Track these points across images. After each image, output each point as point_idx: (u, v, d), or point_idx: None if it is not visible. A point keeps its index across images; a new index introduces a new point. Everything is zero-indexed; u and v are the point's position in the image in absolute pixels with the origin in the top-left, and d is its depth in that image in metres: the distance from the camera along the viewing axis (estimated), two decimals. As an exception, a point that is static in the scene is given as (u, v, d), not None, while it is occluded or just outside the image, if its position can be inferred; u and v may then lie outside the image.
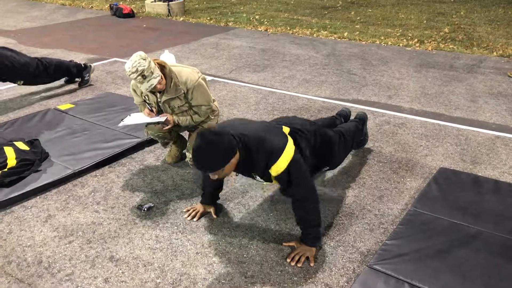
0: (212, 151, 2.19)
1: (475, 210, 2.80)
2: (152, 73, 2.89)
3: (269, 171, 2.36)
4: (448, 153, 3.65)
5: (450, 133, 4.01)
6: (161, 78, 2.96)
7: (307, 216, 2.47)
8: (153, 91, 3.08)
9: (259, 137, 2.36)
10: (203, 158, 2.21)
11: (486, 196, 2.95)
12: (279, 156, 2.32)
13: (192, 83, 3.09)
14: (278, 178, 2.39)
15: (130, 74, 2.87)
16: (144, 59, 2.86)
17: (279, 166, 2.33)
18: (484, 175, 3.30)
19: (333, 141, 2.96)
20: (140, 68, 2.83)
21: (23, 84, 4.85)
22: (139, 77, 2.86)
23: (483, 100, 4.76)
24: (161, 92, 3.10)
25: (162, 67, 3.03)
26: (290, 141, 2.43)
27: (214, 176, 2.32)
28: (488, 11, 9.58)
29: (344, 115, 3.58)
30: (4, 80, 4.72)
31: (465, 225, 2.66)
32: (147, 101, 3.24)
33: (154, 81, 2.90)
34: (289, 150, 2.36)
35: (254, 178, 2.55)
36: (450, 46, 6.87)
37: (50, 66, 4.92)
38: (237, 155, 2.29)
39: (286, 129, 2.55)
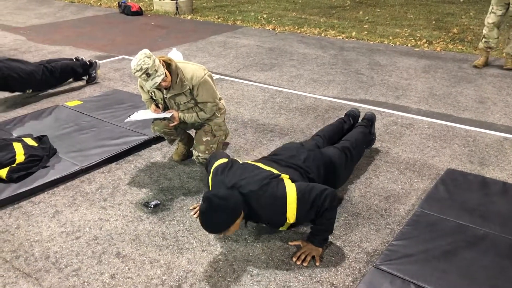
0: (218, 216, 2.25)
1: (482, 211, 2.78)
2: (156, 71, 2.89)
3: (287, 222, 2.41)
4: (455, 154, 3.63)
5: (458, 134, 3.99)
6: (166, 76, 2.97)
7: (326, 221, 2.46)
8: (158, 88, 3.09)
9: (259, 197, 2.36)
10: (210, 222, 2.27)
11: (493, 198, 2.93)
12: (286, 206, 2.35)
13: (198, 80, 3.10)
14: (299, 219, 2.41)
15: (134, 72, 2.89)
16: (148, 57, 2.87)
17: (290, 212, 2.36)
18: (492, 176, 3.28)
19: (338, 165, 2.91)
20: (144, 67, 2.85)
21: (32, 92, 4.85)
22: (144, 75, 2.88)
23: (492, 101, 4.73)
24: (167, 88, 3.11)
25: (168, 63, 3.04)
26: (287, 182, 2.42)
27: (219, 235, 2.47)
28: (498, 12, 9.48)
29: (353, 115, 3.56)
30: (13, 91, 4.73)
31: (472, 226, 2.64)
32: (154, 98, 3.25)
33: (158, 79, 2.91)
34: (291, 192, 2.36)
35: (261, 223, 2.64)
36: (459, 47, 6.83)
37: (56, 70, 4.93)
38: (242, 214, 2.33)
39: (285, 176, 2.50)
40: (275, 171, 2.51)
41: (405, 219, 2.81)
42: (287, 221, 2.39)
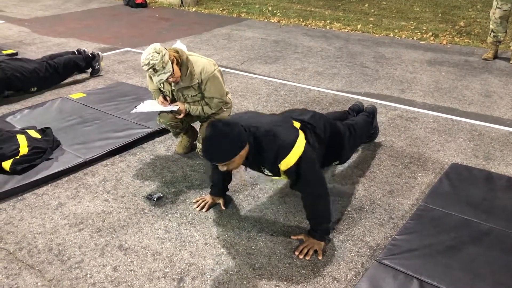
0: (222, 142, 2.17)
1: (487, 206, 2.76)
2: (164, 67, 2.88)
3: (279, 165, 2.34)
4: (460, 149, 3.60)
5: (463, 128, 3.96)
6: (173, 73, 2.95)
7: (317, 212, 2.46)
8: (168, 82, 3.09)
9: (269, 131, 2.34)
10: (213, 148, 2.20)
11: (498, 193, 2.91)
12: (289, 151, 2.30)
13: (207, 74, 3.08)
14: (288, 172, 2.37)
15: (142, 66, 2.90)
16: (158, 53, 2.85)
17: (288, 161, 2.31)
18: (497, 171, 3.25)
19: (343, 134, 2.93)
20: (152, 62, 2.84)
21: (36, 90, 4.81)
22: (151, 70, 2.88)
23: (498, 95, 4.69)
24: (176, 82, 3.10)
25: (179, 55, 3.01)
26: (301, 135, 2.41)
27: (223, 168, 2.30)
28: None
29: (357, 109, 3.54)
30: (17, 90, 4.69)
31: (476, 221, 2.62)
32: (162, 89, 3.24)
33: (164, 76, 2.90)
34: (300, 144, 2.34)
35: (263, 172, 2.54)
36: (465, 40, 6.77)
37: (59, 66, 4.91)
38: (247, 148, 2.28)
39: (297, 124, 2.52)
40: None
41: (408, 214, 2.80)
42: (280, 167, 2.34)
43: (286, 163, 2.31)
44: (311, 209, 2.48)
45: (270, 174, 2.51)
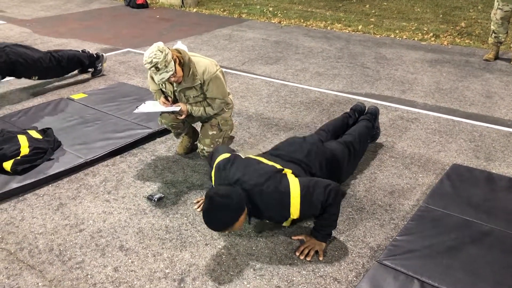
0: (221, 214, 2.26)
1: (488, 207, 2.76)
2: (166, 66, 2.88)
3: (290, 218, 2.42)
4: (461, 149, 3.60)
5: (464, 129, 3.96)
6: (175, 72, 2.95)
7: (330, 216, 2.45)
8: (170, 82, 3.09)
9: (262, 192, 2.34)
10: (213, 221, 2.28)
11: (499, 194, 2.91)
12: (289, 202, 2.33)
13: (210, 75, 3.08)
14: (302, 215, 2.40)
15: (145, 64, 2.90)
16: (161, 51, 2.85)
17: (294, 208, 2.34)
18: (498, 172, 3.25)
19: (341, 160, 2.89)
20: (154, 60, 2.84)
21: (38, 79, 4.88)
22: (153, 68, 2.87)
23: (499, 96, 4.69)
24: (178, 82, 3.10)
25: (182, 56, 3.02)
26: (291, 177, 2.40)
27: (224, 232, 2.48)
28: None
29: (358, 110, 3.52)
30: (19, 77, 4.76)
31: (477, 222, 2.62)
32: (164, 90, 3.24)
33: (166, 75, 2.90)
34: (294, 188, 2.34)
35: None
36: (466, 41, 6.76)
37: (63, 60, 4.94)
38: (246, 211, 2.33)
39: (288, 171, 2.48)
40: (278, 166, 2.49)
41: (409, 214, 2.80)
42: (291, 216, 2.38)
43: (294, 211, 2.35)
44: (324, 217, 2.45)
45: (271, 222, 2.64)
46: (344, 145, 2.99)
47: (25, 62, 4.58)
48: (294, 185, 2.35)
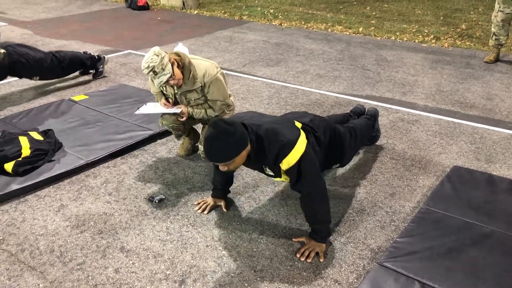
0: (224, 141, 2.16)
1: (488, 209, 2.76)
2: (163, 69, 2.89)
3: (280, 164, 2.34)
4: (462, 151, 3.60)
5: (465, 131, 3.96)
6: (173, 74, 2.96)
7: (316, 212, 2.46)
8: (169, 85, 3.09)
9: (271, 129, 2.34)
10: (214, 148, 2.18)
11: (500, 196, 2.91)
12: (291, 149, 2.30)
13: (210, 78, 3.09)
14: (288, 171, 2.37)
15: (143, 70, 2.92)
16: (157, 55, 2.87)
17: (290, 160, 2.31)
18: (499, 174, 3.25)
19: (343, 137, 2.92)
20: (151, 65, 2.86)
21: (39, 80, 4.89)
22: (151, 73, 2.89)
23: (500, 98, 4.69)
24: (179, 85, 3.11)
25: (181, 59, 3.02)
26: (303, 135, 2.41)
27: (224, 168, 2.29)
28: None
29: (358, 112, 3.54)
30: (20, 77, 4.77)
31: (478, 224, 2.62)
32: (165, 92, 3.25)
33: (164, 78, 2.91)
34: (301, 143, 2.35)
35: (264, 172, 2.55)
36: (467, 43, 6.77)
37: (64, 60, 4.95)
38: (249, 147, 2.28)
39: (298, 124, 2.53)
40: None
41: (410, 216, 2.80)
42: (281, 167, 2.35)
43: (288, 162, 2.31)
44: (310, 210, 2.47)
45: (271, 174, 2.52)
46: (346, 128, 3.02)
47: (27, 62, 4.59)
48: (302, 142, 2.35)
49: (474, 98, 4.69)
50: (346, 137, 2.96)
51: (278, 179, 2.56)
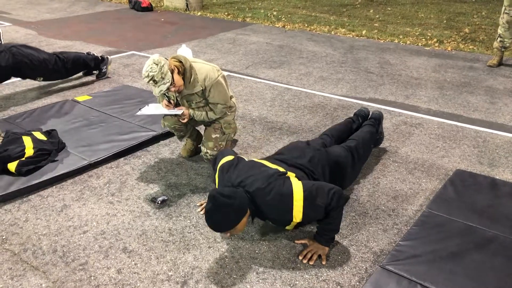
0: (223, 213, 2.24)
1: (491, 213, 2.76)
2: (163, 78, 2.90)
3: (293, 221, 2.40)
4: (465, 155, 3.60)
5: (468, 134, 3.96)
6: (173, 83, 2.97)
7: (333, 220, 2.45)
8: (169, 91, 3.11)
9: (265, 189, 2.35)
10: (215, 220, 2.26)
11: (503, 200, 2.90)
12: (292, 203, 2.33)
13: (211, 81, 3.09)
14: (306, 219, 2.42)
15: (143, 79, 2.94)
16: (156, 64, 2.88)
17: (297, 210, 2.34)
18: (502, 178, 3.24)
19: (344, 166, 2.89)
20: (150, 74, 2.88)
21: (43, 80, 4.92)
22: (151, 81, 2.92)
23: (503, 102, 4.69)
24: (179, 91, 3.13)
25: (181, 64, 3.03)
26: (293, 179, 2.41)
27: (227, 235, 2.42)
28: (510, 11, 9.38)
29: (362, 115, 3.52)
30: (24, 78, 4.79)
31: (481, 228, 2.62)
32: (167, 95, 3.26)
33: (164, 87, 2.93)
34: (297, 189, 2.34)
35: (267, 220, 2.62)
36: (470, 47, 6.77)
37: (68, 61, 4.97)
38: (248, 212, 2.33)
39: (291, 175, 2.49)
40: (281, 169, 2.50)
41: (412, 220, 2.80)
42: (294, 220, 2.38)
43: (297, 213, 2.35)
44: (328, 217, 2.44)
45: (274, 224, 2.63)
46: (348, 150, 2.98)
47: (31, 63, 4.61)
48: (297, 188, 2.35)
49: (477, 102, 4.69)
50: (348, 162, 2.92)
51: (288, 227, 2.64)
